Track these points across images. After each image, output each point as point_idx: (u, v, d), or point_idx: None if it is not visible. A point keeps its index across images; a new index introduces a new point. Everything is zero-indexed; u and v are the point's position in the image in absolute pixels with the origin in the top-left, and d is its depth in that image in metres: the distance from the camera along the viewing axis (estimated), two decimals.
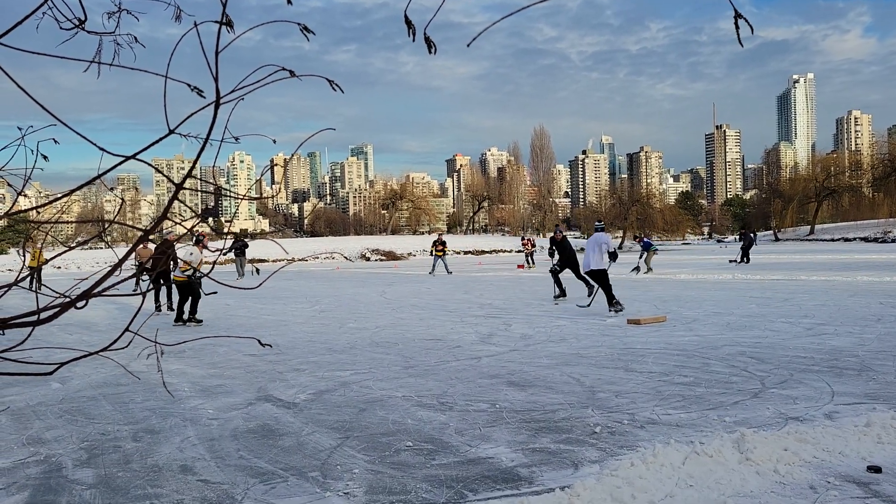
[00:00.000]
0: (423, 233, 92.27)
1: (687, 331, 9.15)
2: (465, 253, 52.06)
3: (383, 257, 47.91)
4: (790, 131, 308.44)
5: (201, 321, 11.91)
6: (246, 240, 30.39)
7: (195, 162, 1.09)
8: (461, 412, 5.25)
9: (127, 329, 1.14)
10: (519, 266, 30.16)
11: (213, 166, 1.22)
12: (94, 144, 1.12)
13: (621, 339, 8.59)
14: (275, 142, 1.46)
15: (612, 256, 11.87)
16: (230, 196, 1.34)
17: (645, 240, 24.82)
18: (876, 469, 3.64)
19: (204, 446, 4.55)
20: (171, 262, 11.94)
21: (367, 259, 47.35)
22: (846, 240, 55.04)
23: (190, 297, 11.77)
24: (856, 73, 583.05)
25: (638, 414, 5.02)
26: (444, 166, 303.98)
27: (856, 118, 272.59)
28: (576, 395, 5.71)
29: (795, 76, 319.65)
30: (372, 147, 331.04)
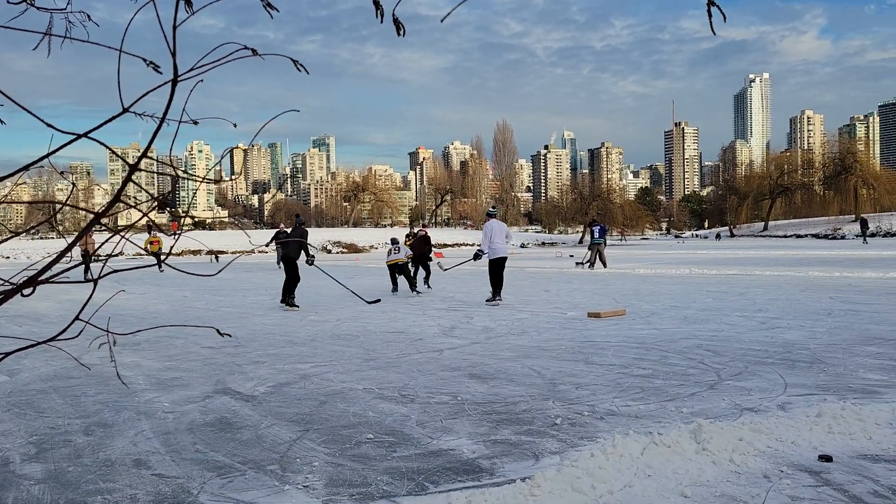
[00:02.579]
0: (385, 225, 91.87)
1: (645, 324, 9.27)
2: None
3: (345, 250, 47.61)
4: (746, 130, 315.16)
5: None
6: (287, 230, 29.94)
7: (150, 142, 1.05)
8: (423, 404, 5.23)
9: (77, 318, 1.09)
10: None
11: (171, 151, 1.17)
12: (42, 121, 1.06)
13: (581, 333, 8.67)
14: (235, 126, 1.41)
15: (477, 256, 13.08)
16: (189, 179, 1.29)
17: (602, 226, 23.07)
18: (827, 458, 3.73)
19: (159, 440, 4.45)
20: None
21: (329, 251, 46.98)
22: (798, 236, 56.48)
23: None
24: (811, 74, 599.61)
25: (598, 405, 5.07)
26: (408, 159, 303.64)
27: (809, 118, 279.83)
28: (537, 387, 5.74)
29: (752, 76, 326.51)
30: (334, 138, 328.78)
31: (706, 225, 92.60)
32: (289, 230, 29.53)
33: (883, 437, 4.07)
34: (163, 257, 1.56)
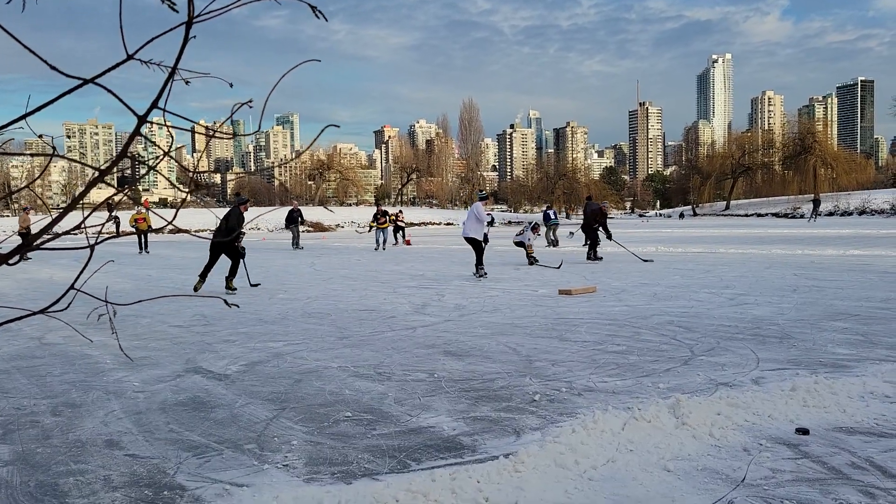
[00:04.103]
0: (350, 204, 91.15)
1: (616, 301, 9.34)
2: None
3: (311, 228, 47.13)
4: (709, 110, 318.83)
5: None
6: (299, 207, 26.04)
7: (161, 91, 0.96)
8: (399, 382, 5.19)
9: (72, 287, 1.01)
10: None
11: (165, 103, 1.08)
12: (46, 62, 0.97)
13: (554, 310, 8.69)
14: (231, 85, 1.32)
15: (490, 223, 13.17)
16: (213, 136, 1.20)
17: (546, 211, 24.84)
18: (804, 431, 3.78)
19: (130, 420, 4.33)
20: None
21: None
22: (759, 215, 57.50)
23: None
24: (772, 55, 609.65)
25: (575, 382, 5.08)
26: (373, 137, 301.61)
27: (769, 98, 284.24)
28: (513, 364, 5.73)
29: (714, 56, 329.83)
30: (298, 116, 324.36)
31: (658, 205, 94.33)
32: (300, 208, 26.52)
33: (856, 409, 4.14)
34: (150, 237, 1.46)
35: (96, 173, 1.28)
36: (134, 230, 25.26)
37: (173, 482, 3.30)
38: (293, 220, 25.03)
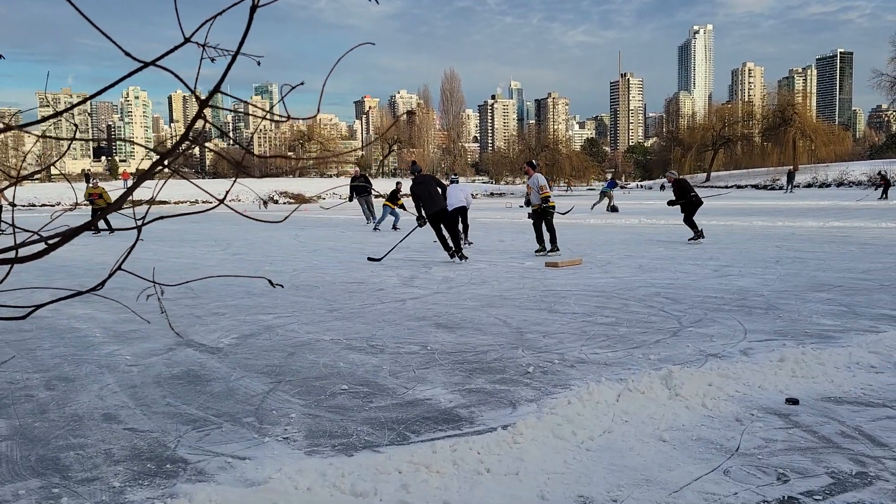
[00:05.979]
0: (331, 175, 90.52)
1: (603, 273, 9.41)
2: (376, 197, 51.44)
3: (292, 200, 46.87)
4: (689, 81, 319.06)
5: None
6: (367, 176, 21.04)
7: (225, 74, 0.95)
8: (393, 354, 5.22)
9: (119, 267, 1.00)
10: None
11: (196, 82, 1.06)
12: (119, 46, 0.95)
13: (541, 282, 8.75)
14: (259, 63, 1.31)
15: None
16: (257, 116, 1.19)
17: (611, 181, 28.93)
18: (794, 401, 3.86)
19: (126, 393, 4.33)
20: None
21: (276, 202, 46.13)
22: (739, 187, 57.85)
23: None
24: (755, 27, 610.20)
25: (567, 353, 5.13)
26: (353, 108, 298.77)
27: (750, 70, 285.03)
28: (504, 336, 5.78)
29: (696, 27, 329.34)
30: (277, 86, 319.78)
31: (624, 178, 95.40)
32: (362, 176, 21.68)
33: (843, 380, 4.24)
34: (116, 215, 1.42)
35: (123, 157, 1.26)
36: (90, 205, 18.66)
37: (175, 455, 3.31)
38: (360, 191, 20.24)
